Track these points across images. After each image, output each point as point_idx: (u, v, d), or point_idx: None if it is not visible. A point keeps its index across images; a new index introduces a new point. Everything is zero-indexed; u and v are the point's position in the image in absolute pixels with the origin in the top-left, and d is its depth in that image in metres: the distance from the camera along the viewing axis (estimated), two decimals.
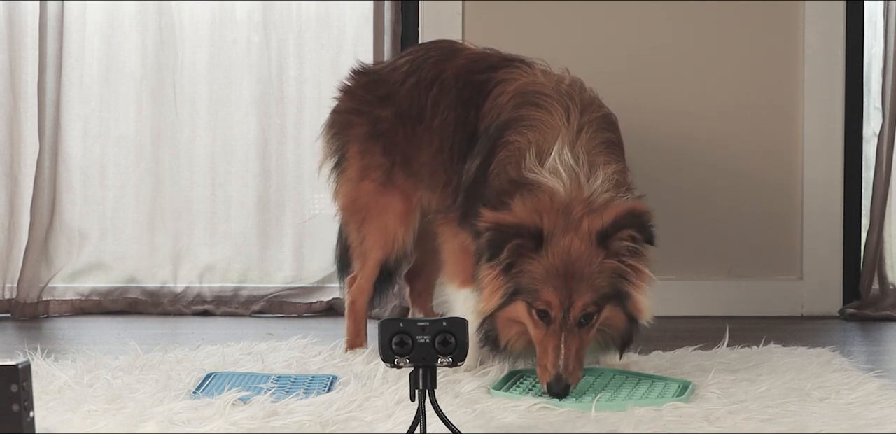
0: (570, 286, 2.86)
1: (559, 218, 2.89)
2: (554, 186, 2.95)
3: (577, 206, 2.91)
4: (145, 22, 4.54)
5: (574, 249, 2.86)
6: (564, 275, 2.86)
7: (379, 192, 3.46)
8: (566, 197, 2.93)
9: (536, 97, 3.16)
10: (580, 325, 2.87)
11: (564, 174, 2.96)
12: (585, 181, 2.96)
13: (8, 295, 4.45)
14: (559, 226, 2.88)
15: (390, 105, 3.45)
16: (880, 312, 4.39)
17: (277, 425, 2.57)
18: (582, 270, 2.87)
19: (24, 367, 2.18)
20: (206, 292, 4.54)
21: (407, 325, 2.32)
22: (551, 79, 3.24)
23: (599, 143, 3.08)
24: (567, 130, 3.07)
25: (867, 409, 2.75)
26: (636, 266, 2.95)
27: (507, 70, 3.30)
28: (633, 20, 4.46)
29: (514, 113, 3.17)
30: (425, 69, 3.44)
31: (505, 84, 3.26)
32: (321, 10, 4.59)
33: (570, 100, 3.14)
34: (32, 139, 4.46)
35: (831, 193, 4.47)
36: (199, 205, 4.59)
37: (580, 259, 2.87)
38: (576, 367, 2.86)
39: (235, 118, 4.59)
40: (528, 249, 2.88)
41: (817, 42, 4.45)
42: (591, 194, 2.95)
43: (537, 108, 3.14)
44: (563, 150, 3.01)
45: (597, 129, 3.11)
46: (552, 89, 3.18)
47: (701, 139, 4.49)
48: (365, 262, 3.51)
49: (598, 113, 3.16)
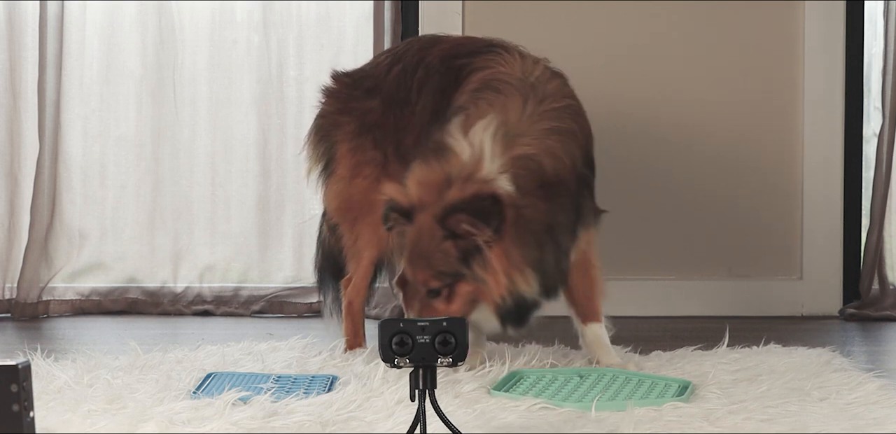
0: (414, 261, 3.01)
1: (434, 193, 2.99)
2: (458, 158, 3.02)
3: (457, 183, 2.99)
4: (145, 22, 4.54)
5: (424, 226, 3.00)
6: (413, 249, 3.02)
7: (372, 189, 3.44)
8: (457, 171, 3.00)
9: (498, 84, 3.20)
10: (433, 296, 3.01)
11: (477, 146, 3.03)
12: (489, 159, 3.02)
13: (8, 295, 4.45)
14: (429, 201, 2.99)
15: (377, 95, 3.45)
16: (880, 312, 4.39)
17: (277, 425, 2.57)
18: (423, 247, 3.00)
19: (24, 367, 2.18)
20: (206, 292, 4.55)
21: (407, 325, 2.32)
22: (523, 68, 3.25)
23: (544, 129, 3.11)
24: (515, 113, 3.11)
25: (867, 409, 2.75)
26: (482, 249, 2.99)
27: (486, 56, 3.31)
28: (632, 20, 4.46)
29: (472, 96, 3.21)
30: (409, 56, 3.45)
31: (477, 72, 3.28)
32: (321, 10, 4.59)
33: (531, 90, 3.16)
34: (32, 139, 4.46)
35: (831, 193, 4.48)
36: (199, 205, 4.59)
37: (424, 236, 3.00)
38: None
39: (235, 118, 4.59)
40: (402, 222, 3.05)
41: (817, 42, 4.46)
42: (478, 173, 3.00)
43: (496, 92, 3.17)
44: (489, 124, 3.06)
45: (550, 118, 3.13)
46: (517, 78, 3.20)
47: (701, 139, 4.49)
48: (359, 262, 3.50)
49: (560, 103, 3.18)
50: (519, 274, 3.01)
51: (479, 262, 2.99)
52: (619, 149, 4.45)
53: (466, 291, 3.02)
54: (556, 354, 3.37)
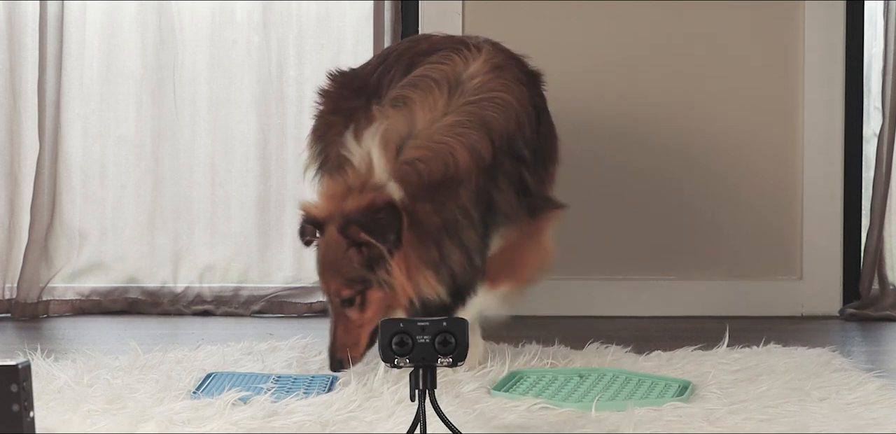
0: (325, 272, 3.05)
1: (339, 204, 3.03)
2: (354, 168, 3.05)
3: (353, 193, 3.03)
4: (145, 22, 4.54)
5: (331, 237, 3.03)
6: (324, 262, 3.06)
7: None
8: (355, 181, 3.03)
9: (420, 80, 3.20)
10: (347, 305, 3.02)
11: (366, 157, 3.05)
12: (378, 166, 3.04)
13: (8, 295, 4.45)
14: (336, 212, 3.02)
15: (364, 95, 3.46)
16: (880, 312, 4.39)
17: (277, 425, 2.57)
18: (332, 258, 3.04)
19: (24, 367, 2.18)
20: (206, 292, 4.54)
21: (407, 325, 2.32)
22: (465, 64, 3.23)
23: (447, 125, 3.10)
24: (419, 113, 3.10)
25: (867, 409, 2.75)
26: (384, 256, 3.01)
27: (443, 53, 3.31)
28: (632, 20, 4.46)
29: (394, 94, 3.23)
30: (393, 55, 3.47)
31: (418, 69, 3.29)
32: (321, 10, 4.59)
33: (454, 86, 3.16)
34: (32, 139, 4.46)
35: (831, 193, 4.47)
36: (199, 205, 4.59)
37: (331, 247, 3.03)
38: (344, 343, 3.04)
39: (235, 118, 4.59)
40: (316, 236, 3.09)
41: (817, 42, 4.45)
42: (376, 180, 3.02)
43: (413, 88, 3.18)
44: (377, 131, 3.07)
45: (459, 113, 3.12)
46: (444, 74, 3.19)
47: (701, 139, 4.49)
48: None
49: (476, 96, 3.16)
50: (421, 276, 3.03)
51: (384, 267, 3.01)
52: (618, 149, 4.45)
53: (378, 298, 3.02)
54: (556, 354, 3.37)
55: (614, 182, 4.47)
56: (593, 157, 4.44)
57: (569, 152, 4.49)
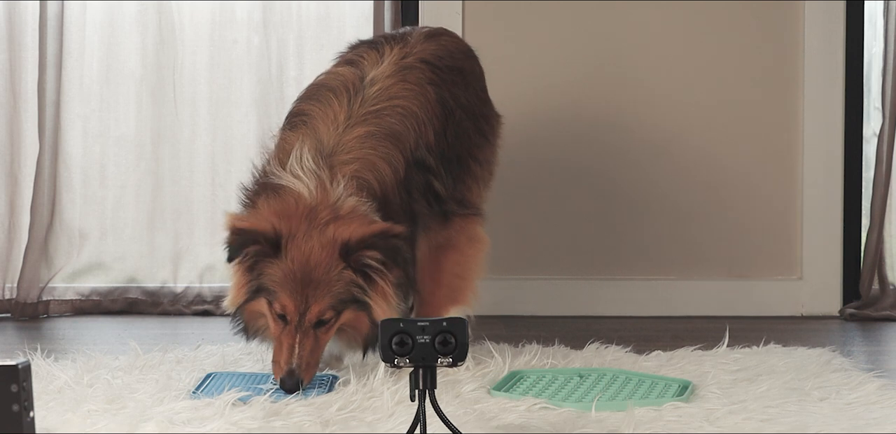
0: (306, 291, 2.91)
1: (302, 223, 2.93)
2: (299, 190, 2.97)
3: (323, 211, 2.95)
4: (145, 22, 4.54)
5: (314, 256, 2.91)
6: (302, 280, 2.91)
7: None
8: (311, 201, 2.95)
9: (319, 91, 3.18)
10: (318, 326, 2.93)
11: (306, 178, 2.98)
12: (329, 185, 2.97)
13: (8, 295, 4.45)
14: (301, 231, 2.92)
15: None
16: (880, 312, 4.39)
17: (277, 425, 2.57)
18: (320, 277, 2.91)
19: (24, 367, 2.19)
20: (206, 292, 4.54)
21: (407, 325, 2.32)
22: (371, 65, 3.22)
23: (357, 137, 3.07)
24: (329, 127, 3.08)
25: (867, 409, 2.75)
26: (378, 282, 2.97)
27: (360, 50, 3.31)
28: (632, 20, 4.46)
29: (295, 107, 3.22)
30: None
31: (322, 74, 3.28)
32: (321, 10, 4.59)
33: (354, 92, 3.14)
34: (32, 139, 4.46)
35: (831, 193, 4.47)
36: (199, 205, 4.59)
37: (319, 266, 2.91)
38: (309, 364, 2.92)
39: (235, 118, 4.59)
40: (266, 254, 2.94)
41: (817, 42, 4.45)
42: (337, 199, 2.96)
43: (315, 102, 3.16)
44: (302, 153, 3.02)
45: (362, 123, 3.09)
46: (346, 79, 3.17)
47: (701, 139, 4.48)
48: None
49: (376, 106, 3.14)
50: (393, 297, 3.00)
51: (378, 290, 2.97)
52: (618, 149, 4.45)
53: (346, 319, 2.98)
54: (556, 354, 3.37)
55: (614, 182, 4.47)
56: (593, 157, 4.44)
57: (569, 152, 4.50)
